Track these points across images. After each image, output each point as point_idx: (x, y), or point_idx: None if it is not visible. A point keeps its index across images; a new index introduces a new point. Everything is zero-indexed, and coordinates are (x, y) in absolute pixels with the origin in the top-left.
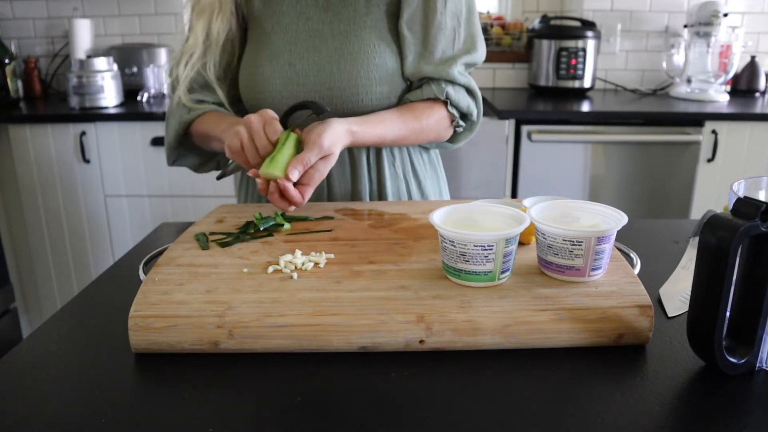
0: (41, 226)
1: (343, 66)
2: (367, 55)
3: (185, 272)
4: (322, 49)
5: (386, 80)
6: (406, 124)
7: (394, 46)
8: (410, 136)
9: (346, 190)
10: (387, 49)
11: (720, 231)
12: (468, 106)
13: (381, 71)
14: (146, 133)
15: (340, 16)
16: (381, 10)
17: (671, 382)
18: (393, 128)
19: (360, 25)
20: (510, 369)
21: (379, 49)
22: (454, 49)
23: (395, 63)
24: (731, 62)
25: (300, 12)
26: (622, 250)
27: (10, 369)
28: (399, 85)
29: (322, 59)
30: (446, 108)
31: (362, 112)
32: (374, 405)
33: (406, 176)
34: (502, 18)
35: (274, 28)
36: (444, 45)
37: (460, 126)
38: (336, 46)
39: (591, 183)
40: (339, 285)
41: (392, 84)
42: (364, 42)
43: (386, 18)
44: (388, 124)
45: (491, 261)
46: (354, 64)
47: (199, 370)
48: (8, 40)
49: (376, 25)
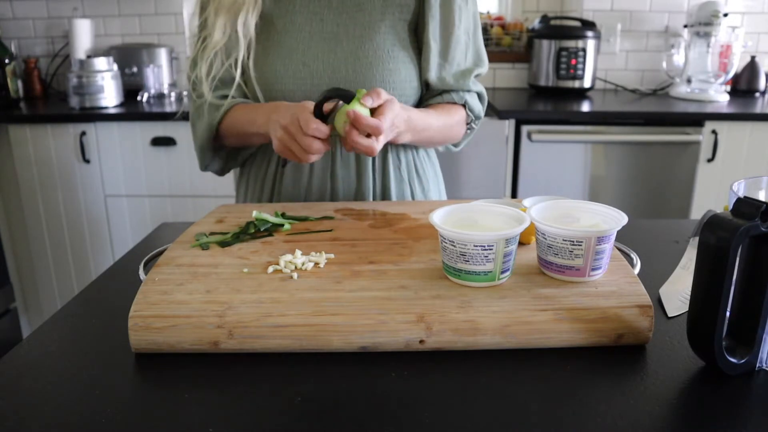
0: (41, 226)
1: (358, 69)
2: (382, 60)
3: (185, 272)
4: (337, 51)
5: (399, 85)
6: (443, 119)
7: (408, 53)
8: (445, 131)
9: (351, 192)
10: (401, 55)
11: (720, 231)
12: (479, 110)
13: (395, 76)
14: (146, 133)
15: (355, 20)
16: (395, 17)
17: (671, 382)
18: (437, 120)
19: (375, 30)
20: (510, 369)
21: (393, 54)
22: (466, 62)
23: (409, 69)
24: (731, 62)
25: (313, 12)
26: (622, 250)
27: (10, 369)
28: (412, 91)
29: (337, 61)
30: (465, 110)
31: None
32: (374, 405)
33: (410, 180)
34: (502, 18)
35: (287, 27)
36: (459, 58)
37: (473, 127)
38: (351, 49)
39: (591, 183)
40: (339, 285)
41: (405, 89)
42: (380, 47)
43: (400, 25)
44: (432, 115)
45: (491, 261)
46: (369, 68)
47: (199, 370)
48: (8, 40)
49: (390, 31)
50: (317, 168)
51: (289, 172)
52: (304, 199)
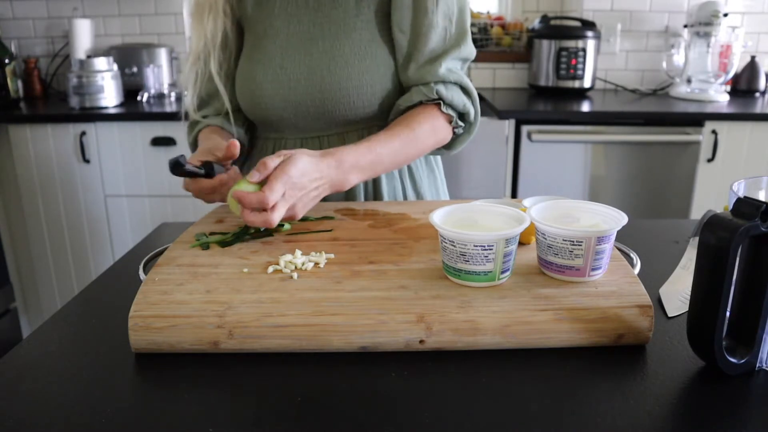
0: (41, 226)
1: (333, 68)
2: (357, 56)
3: (185, 272)
4: (312, 51)
5: (378, 82)
6: (399, 138)
7: (386, 49)
8: (407, 149)
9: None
10: (378, 51)
11: (720, 231)
12: (464, 104)
13: (372, 73)
14: (146, 133)
15: (330, 18)
16: (371, 10)
17: (671, 382)
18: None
19: (350, 26)
20: (510, 369)
21: (370, 50)
22: (443, 48)
23: (388, 65)
24: (731, 62)
25: (290, 14)
26: (622, 250)
27: (10, 369)
28: (392, 88)
29: (312, 62)
30: (440, 109)
31: (354, 115)
32: (374, 405)
33: (402, 177)
34: (502, 18)
35: (267, 31)
36: (434, 44)
37: (459, 126)
38: (326, 47)
39: (591, 183)
40: (339, 285)
41: (385, 86)
42: (355, 44)
43: (377, 19)
44: (379, 142)
45: (491, 261)
46: (345, 67)
47: (199, 370)
48: (8, 40)
49: (367, 27)
50: None
51: None
52: None
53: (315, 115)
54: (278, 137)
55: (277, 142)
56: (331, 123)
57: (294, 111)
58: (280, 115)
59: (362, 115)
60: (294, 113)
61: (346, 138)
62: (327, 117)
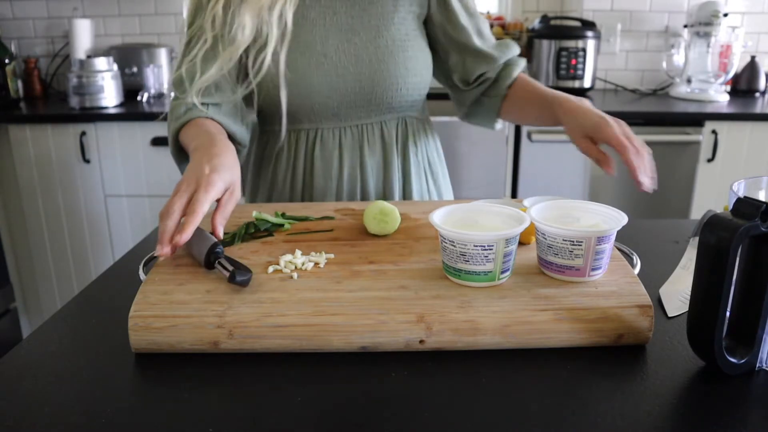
0: (41, 226)
1: (380, 56)
2: (400, 47)
3: (185, 272)
4: (356, 41)
5: (419, 72)
6: None
7: (422, 42)
8: None
9: (379, 190)
10: (417, 43)
11: (720, 231)
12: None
13: (414, 63)
14: (146, 133)
15: (368, 12)
16: (406, 9)
17: (671, 382)
18: None
19: (389, 20)
20: (510, 369)
21: (409, 42)
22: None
23: (426, 56)
24: (731, 62)
25: (325, 6)
26: (622, 250)
27: (10, 369)
28: (430, 78)
29: (358, 51)
30: None
31: (398, 103)
32: (374, 405)
33: (426, 175)
34: (502, 18)
35: (299, 22)
36: (488, 34)
37: None
38: (369, 38)
39: (591, 183)
40: (339, 285)
41: (427, 76)
42: (395, 36)
43: (411, 17)
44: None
45: (491, 261)
46: (391, 55)
47: (199, 370)
48: (8, 40)
49: (403, 22)
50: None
51: (319, 164)
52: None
53: (360, 102)
54: (312, 127)
55: (310, 133)
56: (372, 111)
57: (340, 99)
58: (324, 103)
59: (404, 103)
60: (339, 101)
61: (384, 127)
62: (371, 105)
